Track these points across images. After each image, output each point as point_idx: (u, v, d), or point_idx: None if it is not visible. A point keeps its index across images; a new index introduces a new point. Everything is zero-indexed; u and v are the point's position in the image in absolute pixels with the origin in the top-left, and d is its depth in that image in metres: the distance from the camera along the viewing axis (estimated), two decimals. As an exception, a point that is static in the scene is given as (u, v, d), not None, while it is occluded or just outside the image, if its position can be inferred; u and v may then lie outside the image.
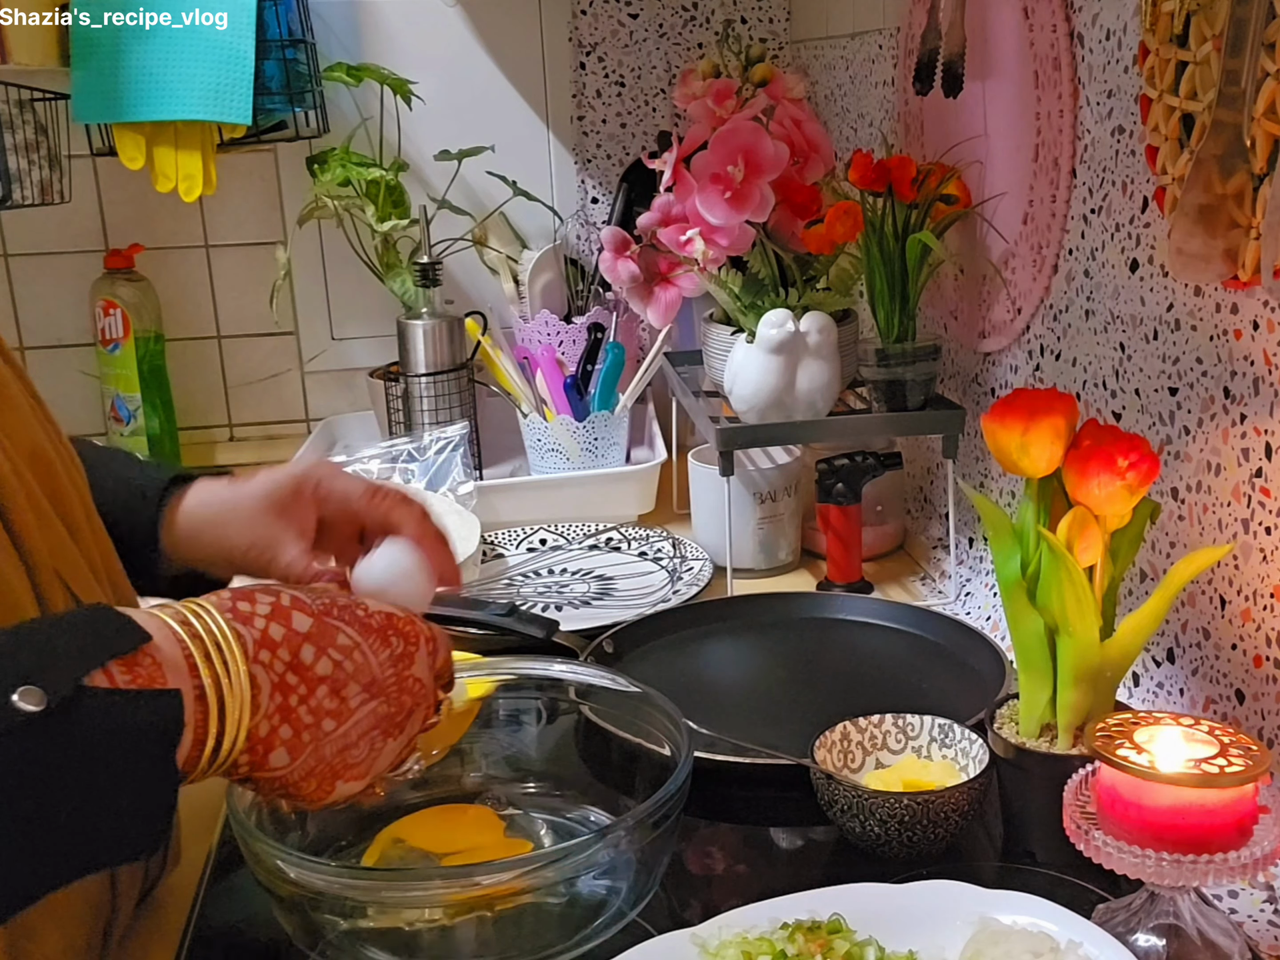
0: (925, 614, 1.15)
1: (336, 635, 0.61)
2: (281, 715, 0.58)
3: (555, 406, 1.57)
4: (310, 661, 0.59)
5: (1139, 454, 0.75)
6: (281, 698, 0.58)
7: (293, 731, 0.59)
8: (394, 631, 0.64)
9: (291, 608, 0.61)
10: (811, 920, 0.68)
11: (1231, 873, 0.65)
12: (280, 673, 0.58)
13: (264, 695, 0.58)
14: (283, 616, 0.60)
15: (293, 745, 0.59)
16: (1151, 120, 0.87)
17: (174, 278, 1.77)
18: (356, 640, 0.62)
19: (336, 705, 0.60)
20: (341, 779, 0.62)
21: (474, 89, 1.76)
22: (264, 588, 0.62)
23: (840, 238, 1.19)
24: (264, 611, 0.60)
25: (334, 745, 0.61)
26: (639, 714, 0.85)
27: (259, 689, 0.57)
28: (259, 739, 0.58)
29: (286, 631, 0.59)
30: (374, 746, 0.63)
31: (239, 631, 0.58)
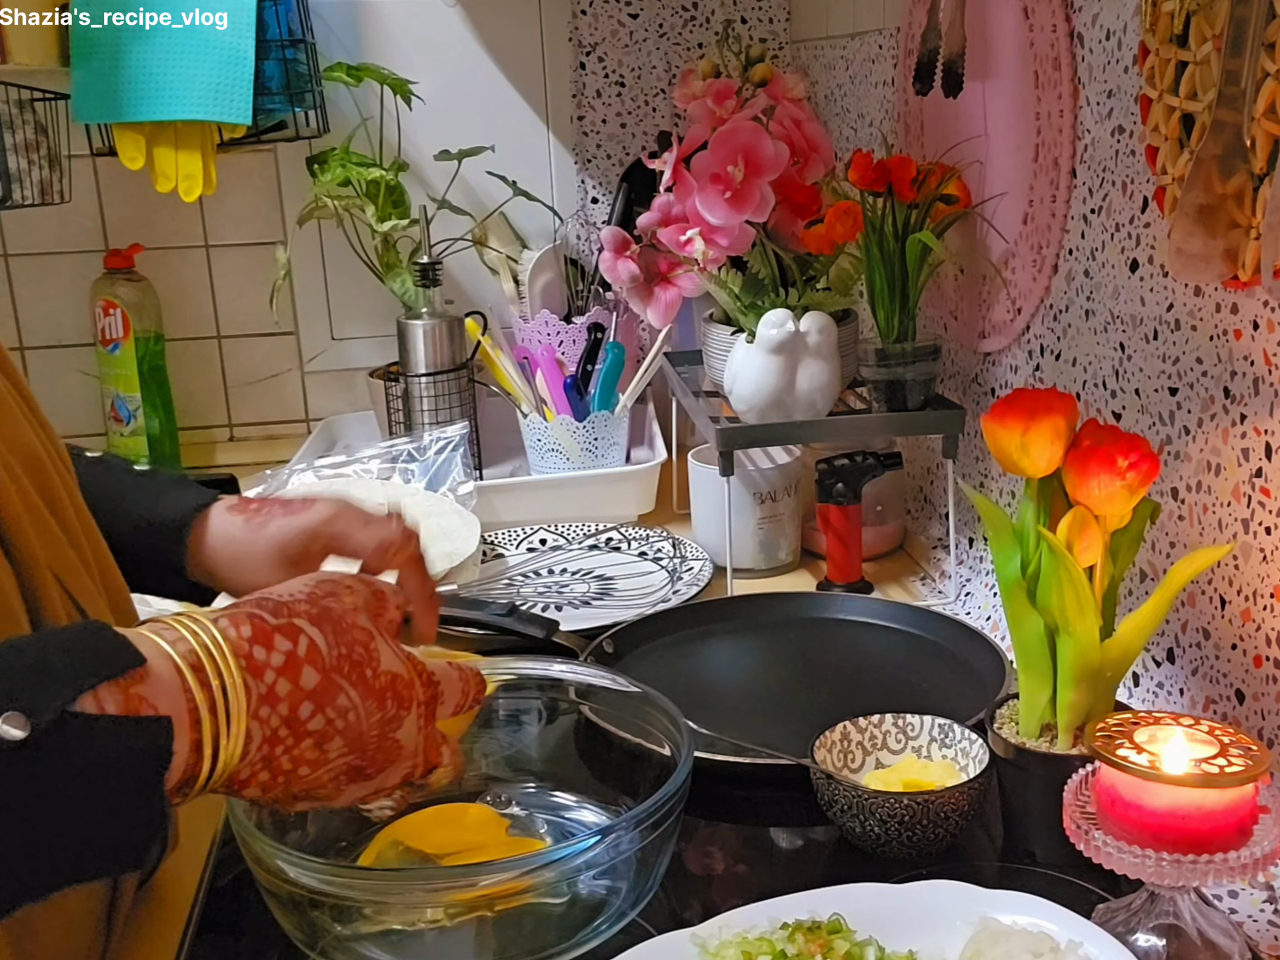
0: (925, 614, 1.15)
1: (338, 696, 0.61)
2: (264, 764, 0.59)
3: (555, 406, 1.57)
4: (305, 718, 0.60)
5: (1139, 454, 0.75)
6: (269, 749, 0.59)
7: (270, 775, 0.60)
8: (392, 696, 0.64)
9: (305, 660, 0.60)
10: (811, 920, 0.68)
11: (1231, 873, 0.65)
12: (274, 727, 0.59)
13: (254, 746, 0.58)
14: (293, 670, 0.60)
15: (267, 785, 0.60)
16: (1151, 120, 0.87)
17: (174, 278, 1.77)
18: (355, 703, 0.62)
19: (316, 756, 0.61)
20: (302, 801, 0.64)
21: (474, 89, 1.76)
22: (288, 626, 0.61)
23: (840, 238, 1.19)
24: (278, 663, 0.59)
25: (303, 784, 0.62)
26: (639, 714, 0.85)
27: (250, 740, 0.58)
28: (238, 780, 0.59)
29: (292, 688, 0.59)
30: (339, 788, 0.64)
31: (249, 685, 0.58)
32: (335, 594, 0.65)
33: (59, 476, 0.73)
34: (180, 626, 0.58)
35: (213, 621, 0.59)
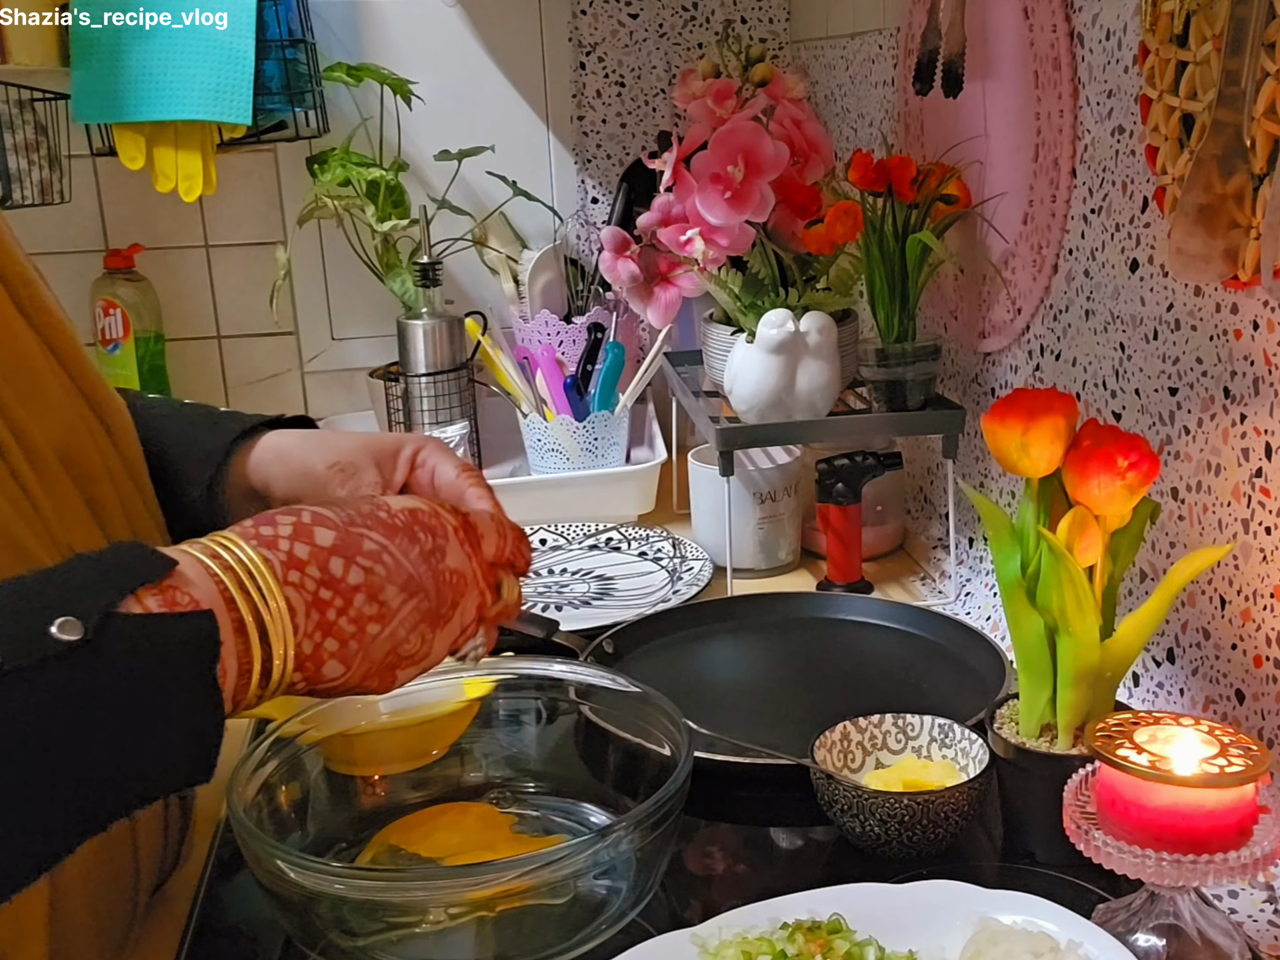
0: (925, 614, 1.15)
1: (363, 543, 0.61)
2: (323, 631, 0.59)
3: (555, 406, 1.57)
4: (341, 574, 0.59)
5: (1139, 454, 0.75)
6: (319, 614, 0.58)
7: (338, 644, 0.59)
8: (420, 527, 0.64)
9: (313, 524, 0.60)
10: (811, 920, 0.68)
11: (1231, 873, 0.65)
12: (313, 590, 0.58)
13: (300, 616, 0.58)
14: (305, 534, 0.60)
15: (342, 655, 0.60)
16: (1151, 120, 0.87)
17: (174, 278, 1.77)
18: (383, 543, 0.62)
19: (376, 610, 0.60)
20: (400, 669, 0.63)
21: (474, 89, 1.76)
22: (284, 509, 0.62)
23: (840, 238, 1.19)
24: (286, 533, 0.59)
25: (383, 645, 0.61)
26: (639, 714, 0.85)
27: (294, 610, 0.57)
28: (306, 657, 0.58)
29: (312, 548, 0.59)
30: (425, 638, 0.64)
31: (266, 557, 0.58)
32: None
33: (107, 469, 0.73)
34: (195, 541, 0.58)
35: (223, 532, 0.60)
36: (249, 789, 0.77)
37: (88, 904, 0.67)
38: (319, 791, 0.86)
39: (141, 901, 0.75)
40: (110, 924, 0.71)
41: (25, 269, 0.73)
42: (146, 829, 0.73)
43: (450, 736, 0.90)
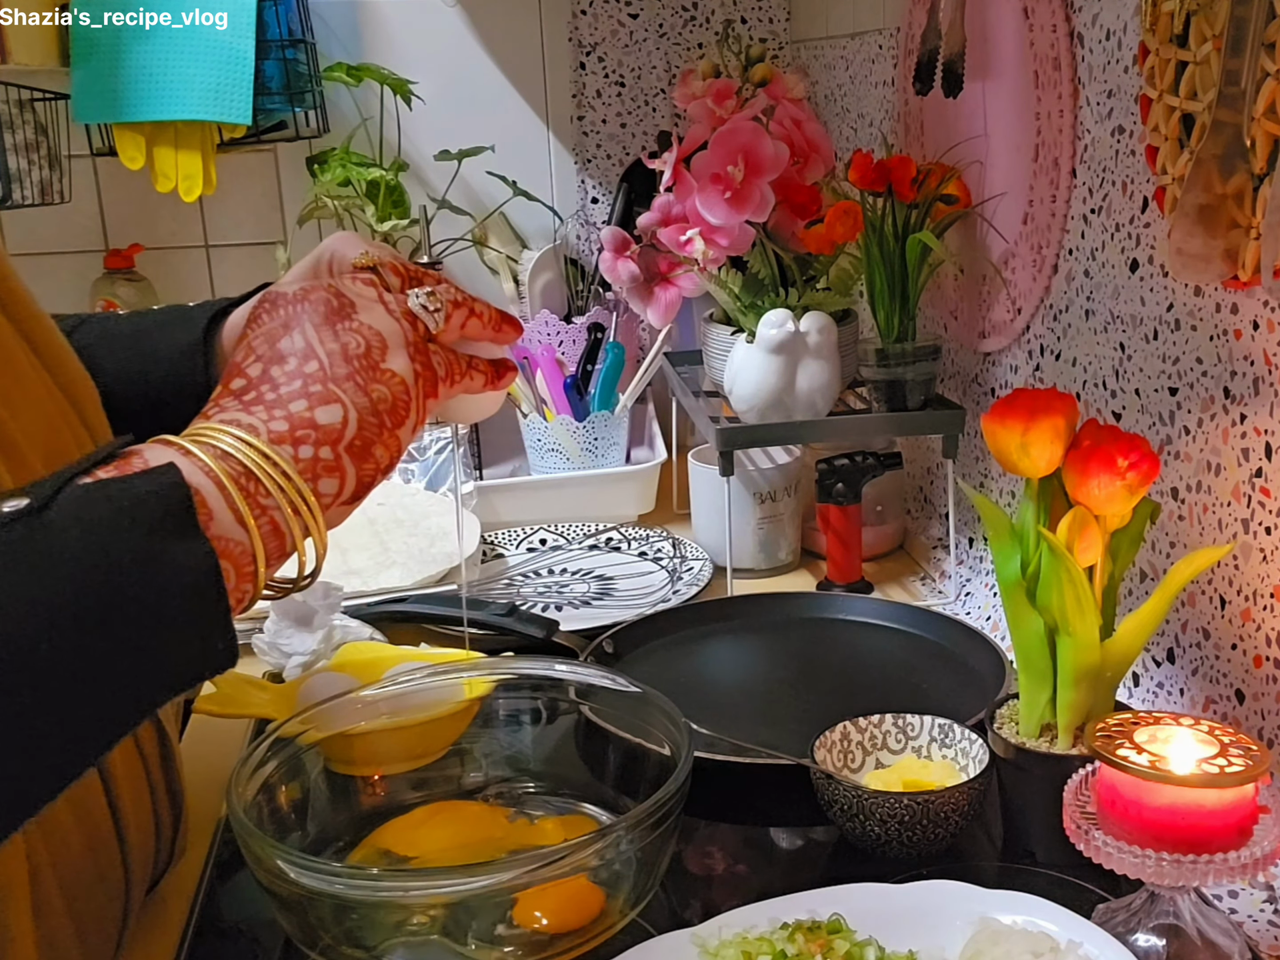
0: (925, 614, 1.15)
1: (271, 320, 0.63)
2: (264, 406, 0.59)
3: (555, 406, 1.57)
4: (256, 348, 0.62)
5: (1139, 454, 0.75)
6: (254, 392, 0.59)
7: (313, 451, 0.59)
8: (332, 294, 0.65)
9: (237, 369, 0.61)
10: (811, 920, 0.68)
11: (1231, 873, 0.65)
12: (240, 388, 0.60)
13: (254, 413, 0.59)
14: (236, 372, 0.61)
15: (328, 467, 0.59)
16: (1151, 120, 0.87)
17: (174, 278, 1.77)
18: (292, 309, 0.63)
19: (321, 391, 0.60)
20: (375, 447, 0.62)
21: (474, 89, 1.76)
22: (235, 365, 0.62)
23: (840, 238, 1.19)
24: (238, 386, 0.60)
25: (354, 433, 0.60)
26: (639, 714, 0.85)
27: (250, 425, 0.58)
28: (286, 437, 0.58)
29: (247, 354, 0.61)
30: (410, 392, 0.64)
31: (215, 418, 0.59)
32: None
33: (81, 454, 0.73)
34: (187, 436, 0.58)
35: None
36: (249, 789, 0.77)
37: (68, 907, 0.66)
38: (319, 791, 0.86)
39: (136, 900, 0.75)
40: (101, 924, 0.70)
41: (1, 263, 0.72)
42: (136, 826, 0.72)
43: (450, 736, 0.90)
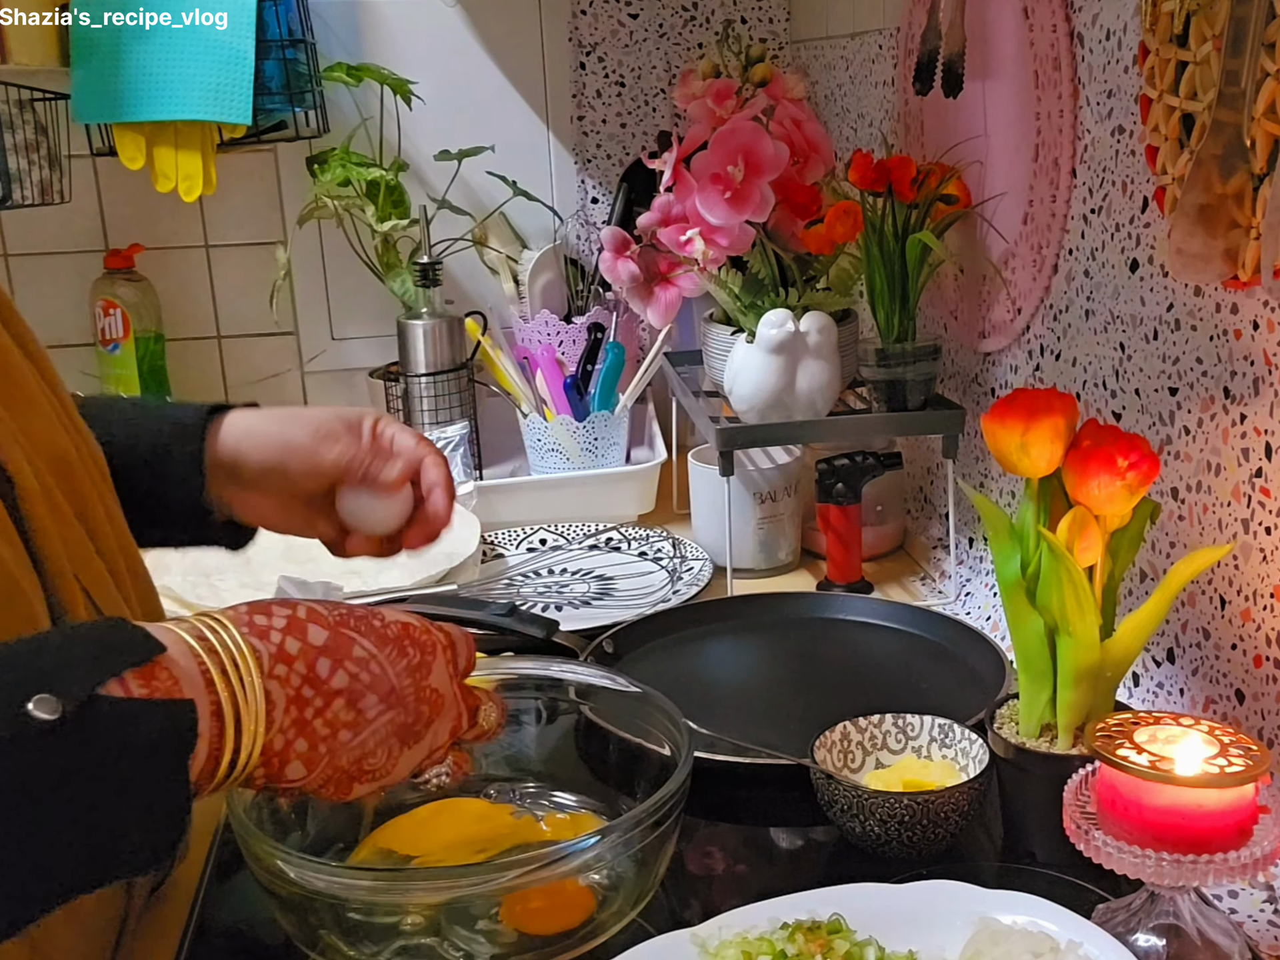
0: (925, 614, 1.15)
1: (353, 647, 0.61)
2: (297, 729, 0.58)
3: (555, 406, 1.57)
4: (326, 675, 0.59)
5: (1139, 454, 0.75)
6: (297, 711, 0.58)
7: (308, 745, 0.59)
8: (410, 642, 0.64)
9: (308, 620, 0.60)
10: (811, 920, 0.68)
11: (1231, 873, 0.65)
12: (296, 686, 0.58)
13: (279, 710, 0.57)
14: (299, 630, 0.59)
15: (308, 758, 0.59)
16: (1151, 120, 0.87)
17: (174, 278, 1.77)
18: (373, 652, 0.62)
19: (353, 717, 0.60)
20: (359, 782, 0.63)
21: (474, 89, 1.76)
22: (281, 601, 0.61)
23: (840, 238, 1.19)
24: (280, 625, 0.59)
25: (350, 754, 0.61)
26: (639, 714, 0.85)
27: (274, 704, 0.57)
28: (274, 752, 0.58)
29: (303, 645, 0.59)
30: (391, 754, 0.63)
31: (255, 647, 0.57)
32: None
33: (91, 480, 0.73)
34: (194, 621, 0.58)
35: (219, 614, 0.59)
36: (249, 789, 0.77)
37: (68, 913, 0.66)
38: (319, 791, 0.86)
39: (137, 904, 0.75)
40: (99, 928, 0.70)
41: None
42: None
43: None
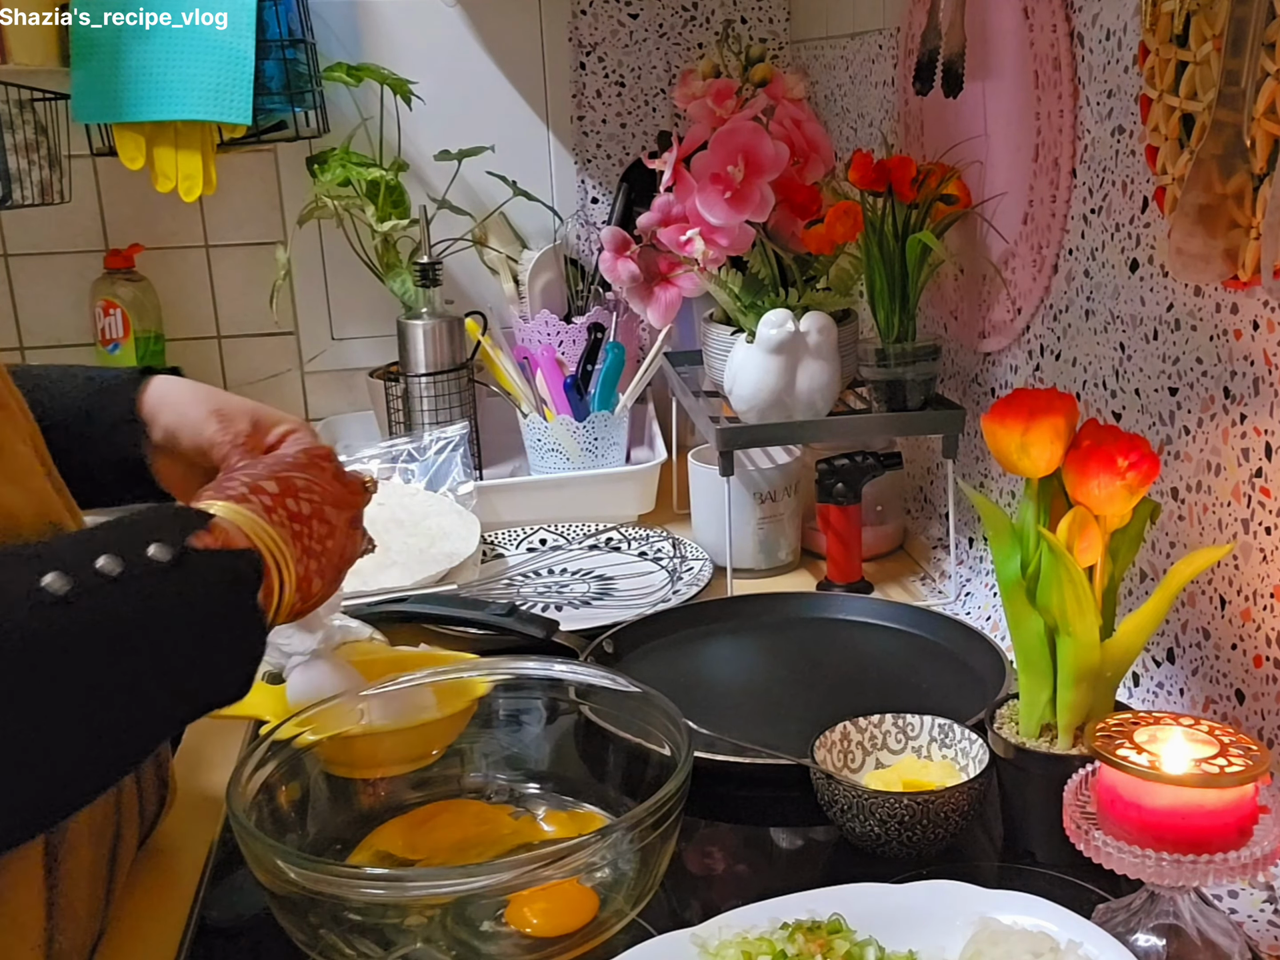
0: (925, 614, 1.15)
1: (294, 481, 0.75)
2: (305, 554, 0.72)
3: (555, 406, 1.57)
4: (296, 508, 0.73)
5: (1139, 454, 0.75)
6: (299, 542, 0.72)
7: (317, 562, 0.74)
8: (311, 457, 0.79)
9: (262, 479, 0.73)
10: (811, 920, 0.68)
11: (1231, 873, 0.65)
12: (288, 524, 0.72)
13: (289, 546, 0.71)
14: (258, 489, 0.72)
15: (320, 571, 0.74)
16: (1151, 120, 0.87)
17: (174, 278, 1.77)
18: (305, 479, 0.76)
19: (327, 529, 0.75)
20: (344, 569, 0.79)
21: (474, 89, 1.76)
22: (229, 476, 0.74)
23: (840, 238, 1.19)
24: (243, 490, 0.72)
25: (337, 553, 0.76)
26: (639, 714, 0.85)
27: (287, 543, 0.71)
28: (300, 579, 0.72)
29: (272, 496, 0.72)
30: (352, 539, 0.79)
31: (254, 508, 0.70)
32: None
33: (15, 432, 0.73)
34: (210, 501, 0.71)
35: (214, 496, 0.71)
36: (249, 789, 0.77)
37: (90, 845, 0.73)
38: (319, 791, 0.86)
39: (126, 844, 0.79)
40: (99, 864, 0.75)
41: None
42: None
43: (448, 738, 0.90)
